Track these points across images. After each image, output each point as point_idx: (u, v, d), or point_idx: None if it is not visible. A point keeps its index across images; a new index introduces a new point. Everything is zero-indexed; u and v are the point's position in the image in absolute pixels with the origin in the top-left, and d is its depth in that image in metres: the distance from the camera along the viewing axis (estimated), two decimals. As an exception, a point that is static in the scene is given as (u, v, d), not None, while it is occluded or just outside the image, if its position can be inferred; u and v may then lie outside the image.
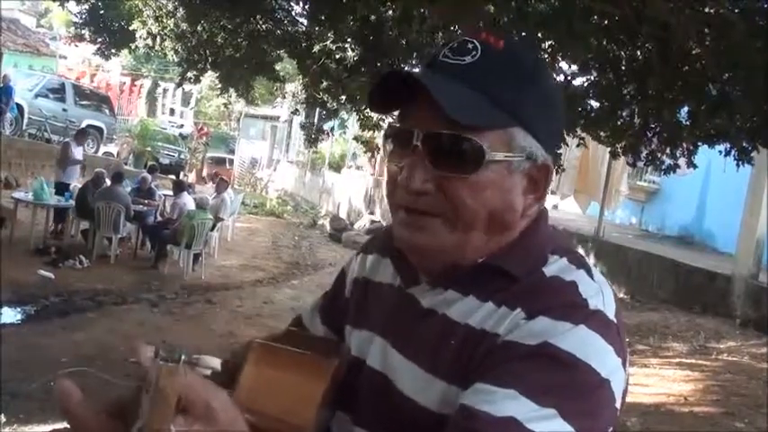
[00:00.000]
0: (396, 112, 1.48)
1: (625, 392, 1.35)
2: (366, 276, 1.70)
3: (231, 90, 18.39)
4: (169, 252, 16.10)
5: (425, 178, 1.38)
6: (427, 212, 1.40)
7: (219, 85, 19.56)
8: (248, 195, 31.11)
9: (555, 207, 24.57)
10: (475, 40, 1.40)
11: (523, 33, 9.76)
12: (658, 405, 8.81)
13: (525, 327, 1.30)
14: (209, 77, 20.14)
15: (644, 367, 10.36)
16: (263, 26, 14.09)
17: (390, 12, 10.88)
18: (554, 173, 1.46)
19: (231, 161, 40.47)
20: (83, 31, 21.39)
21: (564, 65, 10.92)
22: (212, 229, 16.69)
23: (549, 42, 10.07)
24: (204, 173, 35.82)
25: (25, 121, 27.07)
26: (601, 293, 1.35)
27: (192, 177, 31.40)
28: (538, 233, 1.47)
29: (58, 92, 29.52)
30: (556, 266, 1.40)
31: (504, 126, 1.37)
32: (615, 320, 1.33)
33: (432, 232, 1.40)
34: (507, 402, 1.21)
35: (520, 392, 1.21)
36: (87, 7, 20.19)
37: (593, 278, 1.38)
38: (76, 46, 25.23)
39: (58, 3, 21.18)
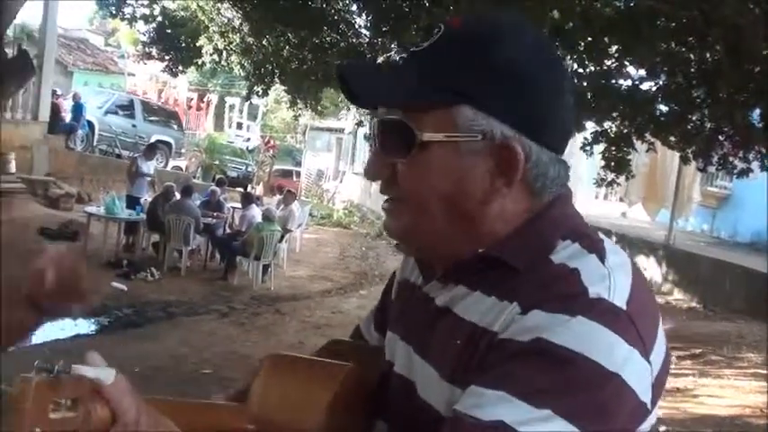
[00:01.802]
0: None
1: (660, 385, 1.26)
2: (405, 278, 1.65)
3: (299, 102, 18.49)
4: (238, 263, 16.24)
5: (379, 164, 1.38)
6: (395, 198, 1.39)
7: (285, 99, 19.70)
8: (315, 207, 31.25)
9: (623, 215, 24.31)
10: (441, 25, 1.36)
11: (589, 39, 9.70)
12: (733, 417, 8.62)
13: (519, 322, 1.22)
14: (275, 91, 20.28)
15: (718, 378, 10.17)
16: (328, 38, 14.14)
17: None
18: (522, 156, 1.30)
19: (298, 173, 40.68)
20: (150, 50, 21.66)
21: (632, 69, 10.82)
22: (281, 240, 16.79)
23: (616, 47, 9.98)
24: (271, 185, 36.03)
25: (96, 137, 27.55)
26: (608, 279, 1.23)
27: (259, 190, 31.56)
28: (542, 220, 1.35)
29: (127, 108, 30.01)
30: (565, 253, 1.30)
31: (448, 105, 1.30)
32: (625, 307, 1.21)
33: (398, 216, 1.39)
34: (497, 405, 1.15)
35: (511, 394, 1.15)
36: (154, 26, 20.44)
37: (604, 262, 1.27)
38: (144, 64, 25.53)
39: (126, 22, 21.48)
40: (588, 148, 11.93)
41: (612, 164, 11.56)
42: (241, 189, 26.54)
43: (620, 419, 1.18)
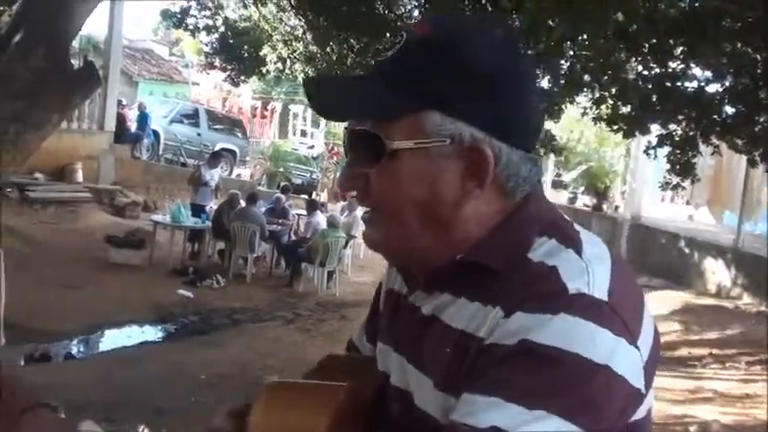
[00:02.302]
0: None
1: (652, 368, 1.27)
2: (390, 287, 1.65)
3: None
4: (303, 270, 16.29)
5: (352, 174, 1.38)
6: (372, 209, 1.39)
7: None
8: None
9: (690, 218, 24.00)
10: (404, 32, 1.38)
11: (654, 41, 9.58)
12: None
13: (504, 326, 1.23)
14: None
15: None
16: (390, 45, 14.15)
17: (517, 23, 10.81)
18: (492, 157, 1.31)
19: (362, 180, 40.80)
20: (213, 59, 21.88)
21: (697, 71, 10.68)
22: (345, 246, 16.80)
23: (681, 48, 9.85)
24: (335, 192, 36.14)
25: (161, 146, 27.85)
26: (586, 273, 1.24)
27: (324, 196, 31.65)
28: (516, 219, 1.35)
29: (191, 117, 30.28)
30: (542, 250, 1.30)
31: (415, 111, 1.30)
32: (607, 298, 1.21)
33: (376, 227, 1.40)
34: (491, 412, 1.15)
35: (504, 399, 1.15)
36: (217, 36, 20.66)
37: (581, 255, 1.27)
38: (208, 73, 25.82)
39: (189, 32, 21.72)
40: (652, 151, 11.80)
41: (678, 167, 11.43)
42: (305, 196, 26.61)
43: (615, 409, 1.19)
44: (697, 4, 9.33)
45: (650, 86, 10.83)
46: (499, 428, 1.13)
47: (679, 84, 10.79)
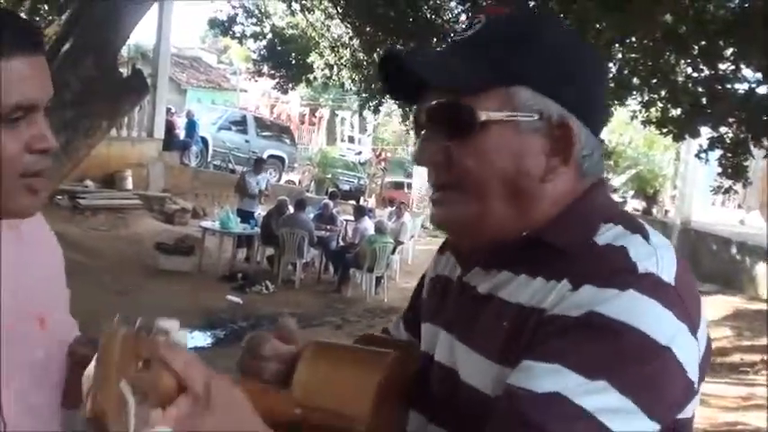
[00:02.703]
0: None
1: (704, 368, 1.27)
2: (438, 273, 1.66)
3: (410, 115, 18.51)
4: (352, 276, 16.31)
5: (433, 150, 1.37)
6: (446, 186, 1.39)
7: (396, 111, 19.76)
8: (427, 218, 31.20)
9: (741, 222, 23.72)
10: (481, 15, 1.39)
11: (703, 42, 9.47)
12: None
13: (570, 298, 1.23)
14: (386, 103, 20.42)
15: None
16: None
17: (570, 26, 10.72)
18: (576, 134, 1.34)
19: (409, 185, 40.71)
20: (261, 67, 21.98)
21: (748, 72, 10.54)
22: (393, 252, 16.80)
23: (731, 50, 9.73)
24: (383, 197, 36.20)
25: (210, 153, 28.05)
26: (655, 256, 1.25)
27: (371, 202, 31.70)
28: (586, 202, 1.38)
29: (240, 124, 30.50)
30: (609, 234, 1.31)
31: (505, 85, 1.32)
32: (674, 283, 1.22)
33: (452, 206, 1.39)
34: (551, 377, 1.16)
35: (566, 366, 1.16)
36: (264, 43, 20.75)
37: (648, 241, 1.29)
38: (255, 81, 25.98)
39: (237, 40, 21.84)
40: (704, 154, 11.66)
41: (729, 170, 11.29)
42: (353, 202, 26.69)
43: (672, 393, 1.21)
44: (747, 5, 9.20)
45: (700, 89, 10.71)
46: (561, 394, 1.14)
47: (729, 86, 10.65)
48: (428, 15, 13.55)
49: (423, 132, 1.40)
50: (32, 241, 1.68)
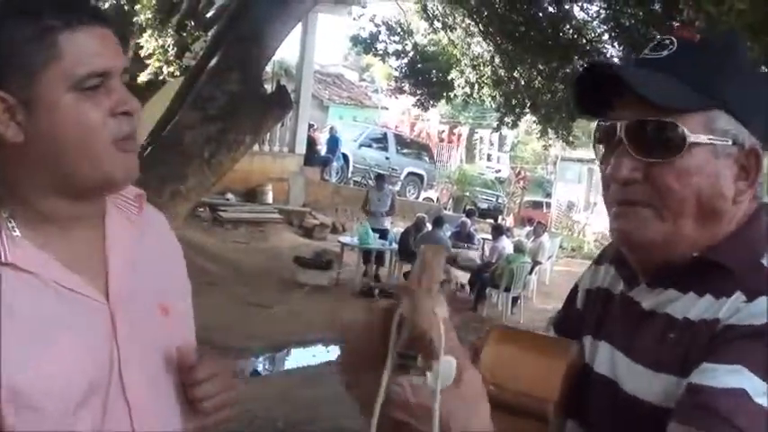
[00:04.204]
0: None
1: None
2: (597, 286, 1.69)
3: (550, 133, 18.38)
4: (488, 295, 16.18)
5: (631, 167, 1.38)
6: (637, 203, 1.40)
7: (536, 130, 19.64)
8: (565, 239, 30.87)
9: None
10: (672, 37, 1.41)
11: None
12: None
13: (746, 309, 1.29)
14: (526, 122, 20.30)
15: None
16: (580, 68, 13.93)
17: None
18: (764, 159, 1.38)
19: (548, 204, 40.37)
20: (402, 84, 22.11)
21: None
22: (530, 272, 16.64)
23: None
24: (521, 217, 35.97)
25: (350, 169, 28.37)
26: None
27: (509, 221, 31.51)
28: (756, 224, 1.43)
29: (380, 141, 30.78)
30: None
31: (706, 109, 1.36)
32: None
33: (642, 223, 1.40)
34: (734, 376, 1.20)
35: (747, 368, 1.20)
36: (406, 61, 20.86)
37: None
38: (397, 98, 26.12)
39: (379, 57, 22.02)
40: None
41: None
42: (491, 220, 26.59)
43: None
44: None
45: None
46: (744, 390, 1.18)
47: None
48: (571, 34, 13.43)
49: (615, 151, 1.41)
50: (152, 233, 1.75)
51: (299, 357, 12.19)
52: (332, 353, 12.06)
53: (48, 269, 1.47)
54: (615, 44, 13.46)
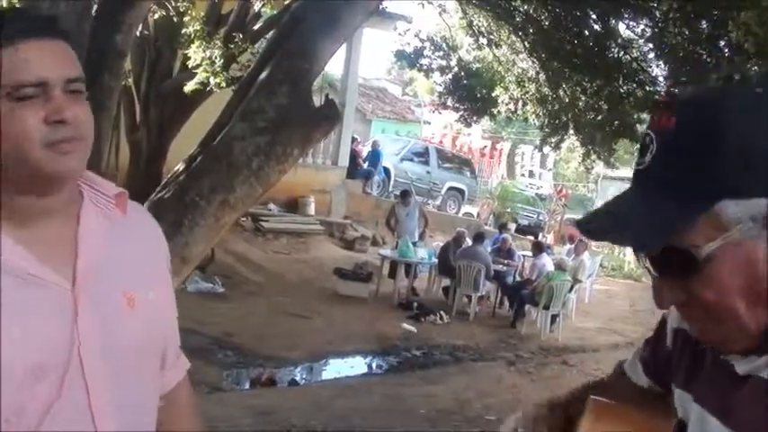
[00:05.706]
0: None
1: None
2: (685, 328, 1.57)
3: (593, 153, 18.33)
4: (527, 312, 16.16)
5: (670, 295, 1.34)
6: (695, 317, 1.37)
7: (579, 148, 19.58)
8: (606, 257, 30.72)
9: None
10: (651, 132, 1.32)
11: None
12: None
13: None
14: (569, 139, 20.26)
15: None
16: (624, 88, 13.91)
17: (756, 68, 10.38)
18: None
19: (589, 223, 40.19)
20: (446, 99, 22.13)
21: None
22: (570, 290, 16.60)
23: None
24: (562, 234, 35.84)
25: (392, 182, 28.38)
26: None
27: (550, 239, 31.42)
28: None
29: (422, 155, 30.80)
30: None
31: (707, 209, 1.24)
32: None
33: (704, 325, 1.35)
34: None
35: None
36: (450, 77, 20.88)
37: None
38: (440, 113, 26.12)
39: (423, 73, 22.07)
40: None
41: None
42: (531, 237, 26.52)
43: None
44: None
45: None
46: None
47: None
48: (616, 53, 13.42)
49: (654, 276, 1.36)
50: (134, 231, 1.87)
51: (336, 368, 12.28)
52: (370, 364, 12.14)
53: (12, 257, 1.60)
54: (661, 63, 13.45)
